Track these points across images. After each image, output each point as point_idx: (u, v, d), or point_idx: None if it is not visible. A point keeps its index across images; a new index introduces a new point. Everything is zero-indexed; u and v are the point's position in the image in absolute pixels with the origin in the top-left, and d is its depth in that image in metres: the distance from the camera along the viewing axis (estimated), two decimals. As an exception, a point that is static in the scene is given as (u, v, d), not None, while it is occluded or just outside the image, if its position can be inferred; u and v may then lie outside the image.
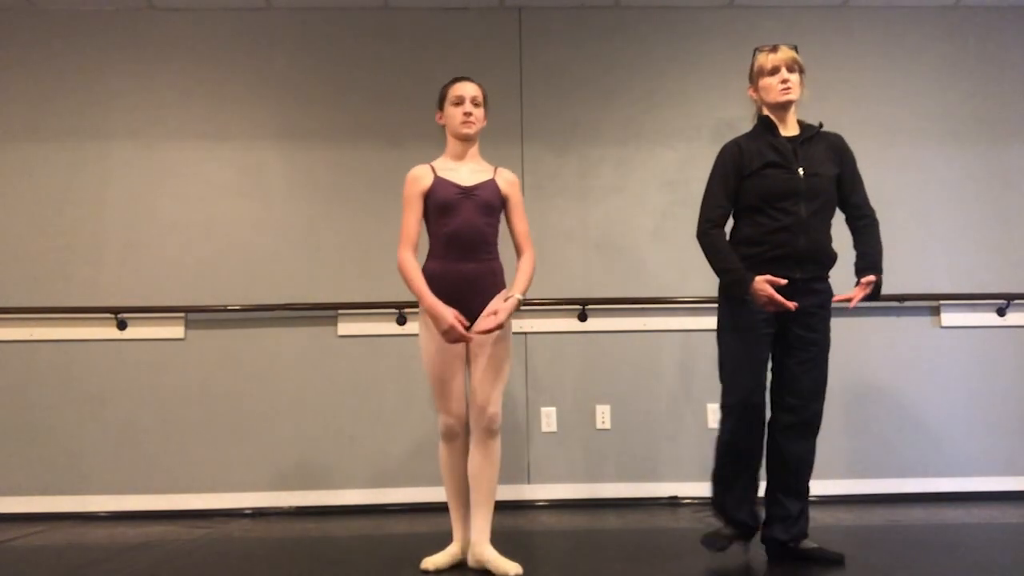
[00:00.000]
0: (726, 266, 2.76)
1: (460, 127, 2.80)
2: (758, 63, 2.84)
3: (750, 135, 2.88)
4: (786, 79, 2.79)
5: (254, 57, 4.57)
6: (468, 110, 2.79)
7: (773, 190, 2.75)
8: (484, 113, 2.86)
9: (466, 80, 2.86)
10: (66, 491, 4.21)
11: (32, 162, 4.46)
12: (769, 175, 2.76)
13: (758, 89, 2.86)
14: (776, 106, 2.82)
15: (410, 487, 4.25)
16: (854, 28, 4.67)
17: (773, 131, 2.83)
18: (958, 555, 2.82)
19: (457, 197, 2.75)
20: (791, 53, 2.81)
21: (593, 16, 4.64)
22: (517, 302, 2.73)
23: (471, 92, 2.82)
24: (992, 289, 4.44)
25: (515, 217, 2.88)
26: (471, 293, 2.72)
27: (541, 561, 2.89)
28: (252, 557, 3.10)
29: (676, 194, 4.48)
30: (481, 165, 2.88)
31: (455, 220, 2.74)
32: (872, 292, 2.76)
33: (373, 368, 4.35)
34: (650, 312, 4.42)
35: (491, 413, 2.70)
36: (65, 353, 4.31)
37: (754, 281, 2.67)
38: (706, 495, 4.20)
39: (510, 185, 2.87)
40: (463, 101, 2.80)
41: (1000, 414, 4.38)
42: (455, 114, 2.81)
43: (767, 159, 2.78)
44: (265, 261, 4.42)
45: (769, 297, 2.66)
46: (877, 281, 2.77)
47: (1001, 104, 4.63)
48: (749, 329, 2.76)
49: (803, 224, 2.73)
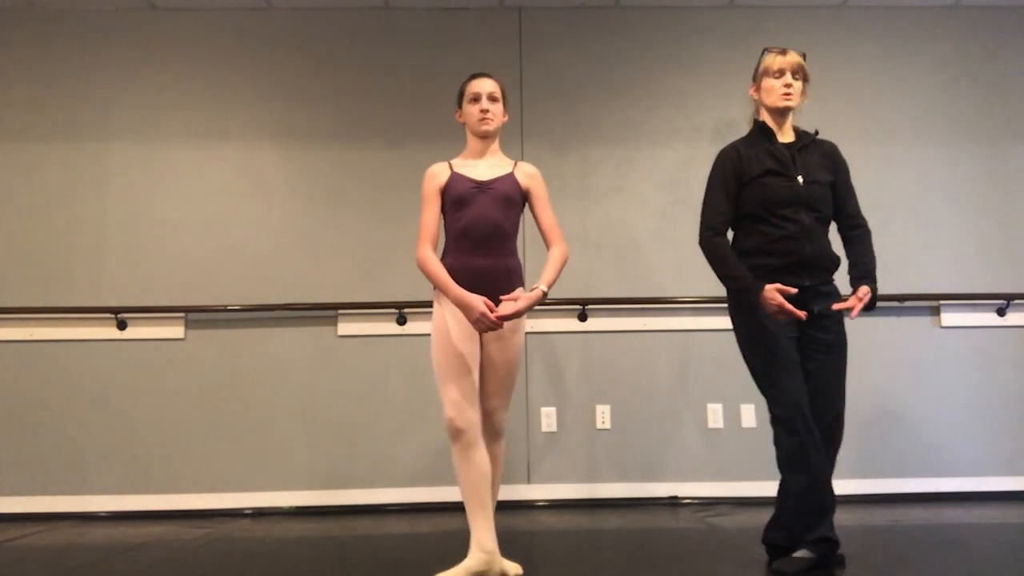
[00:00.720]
0: (733, 273, 2.70)
1: (478, 125, 2.74)
2: (764, 63, 2.80)
3: (747, 141, 2.84)
4: (789, 84, 2.75)
5: (254, 57, 4.57)
6: (485, 107, 2.72)
7: (774, 198, 2.71)
8: (503, 109, 2.79)
9: (483, 76, 2.79)
10: (66, 491, 4.21)
11: (32, 162, 4.46)
12: (769, 183, 2.73)
13: (760, 89, 2.82)
14: (774, 110, 2.80)
15: (410, 487, 4.25)
16: (854, 28, 4.67)
17: (770, 138, 2.80)
18: (958, 555, 2.82)
19: (472, 191, 2.68)
20: (798, 59, 2.77)
21: (593, 16, 4.64)
22: (542, 293, 2.62)
23: (488, 88, 2.75)
24: (992, 289, 4.44)
25: (539, 209, 2.78)
26: (484, 289, 2.59)
27: (541, 561, 2.88)
28: (252, 557, 3.09)
29: (676, 194, 4.48)
30: (501, 160, 2.80)
31: (469, 213, 2.66)
32: (868, 303, 2.74)
33: (373, 368, 4.35)
34: (650, 312, 4.42)
35: (499, 416, 2.67)
36: (65, 353, 4.31)
37: (764, 290, 2.62)
38: (706, 495, 4.24)
39: (530, 178, 2.78)
40: (480, 98, 2.73)
41: (1000, 414, 4.38)
42: (473, 111, 2.74)
43: (766, 166, 2.74)
44: (265, 261, 4.42)
45: (780, 306, 2.59)
46: (872, 291, 2.75)
47: (1001, 104, 4.63)
48: (774, 338, 2.67)
49: (807, 231, 2.70)
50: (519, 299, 2.58)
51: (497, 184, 2.71)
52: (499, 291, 2.61)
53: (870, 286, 2.72)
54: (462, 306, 2.56)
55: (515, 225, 2.75)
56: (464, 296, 2.55)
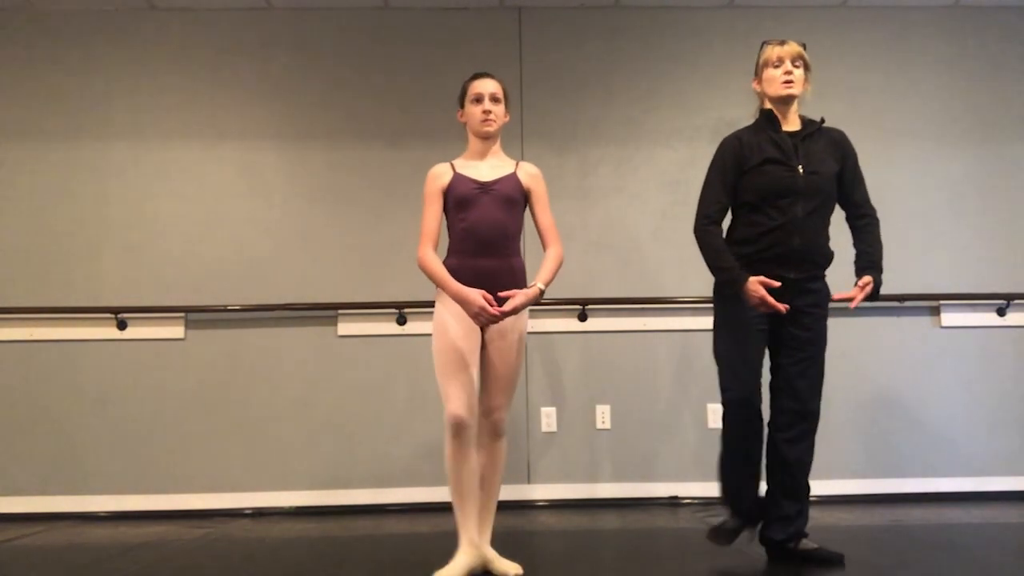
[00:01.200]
0: (721, 264, 2.75)
1: (480, 126, 2.74)
2: (764, 54, 2.82)
3: (751, 129, 2.85)
4: (789, 71, 2.76)
5: (254, 57, 4.57)
6: (487, 108, 2.72)
7: (772, 187, 2.73)
8: (505, 109, 2.80)
9: (485, 76, 2.78)
10: (66, 491, 4.21)
11: (32, 162, 4.46)
12: (768, 171, 2.74)
13: (762, 81, 2.83)
14: (778, 100, 2.80)
15: (410, 487, 4.25)
16: (854, 28, 4.67)
17: (775, 125, 2.80)
18: (958, 555, 2.82)
19: (475, 192, 2.69)
20: (798, 48, 2.79)
21: (593, 16, 4.64)
22: (539, 291, 2.65)
23: (490, 89, 2.74)
24: (992, 289, 4.44)
25: (538, 209, 2.79)
26: (489, 290, 2.59)
27: (541, 561, 2.88)
28: (252, 557, 3.10)
29: (676, 194, 4.48)
30: (503, 161, 2.81)
31: (472, 214, 2.67)
32: (872, 292, 2.75)
33: (373, 368, 4.34)
34: (650, 312, 4.42)
35: (499, 415, 2.67)
36: (65, 353, 4.31)
37: (748, 281, 2.67)
38: (706, 495, 4.25)
39: (532, 178, 2.79)
40: (483, 99, 2.73)
41: (1000, 414, 4.38)
42: (475, 112, 2.74)
43: (767, 155, 2.76)
44: (265, 261, 4.42)
45: (761, 299, 2.66)
46: (876, 281, 2.76)
47: (1001, 104, 4.63)
48: (743, 326, 2.76)
49: (798, 223, 2.72)
50: (517, 295, 2.60)
51: (500, 185, 2.72)
52: (503, 290, 2.62)
53: (874, 276, 2.75)
54: (461, 300, 2.58)
55: (518, 225, 2.77)
56: (462, 290, 2.58)
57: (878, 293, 2.76)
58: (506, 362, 2.66)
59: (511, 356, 2.67)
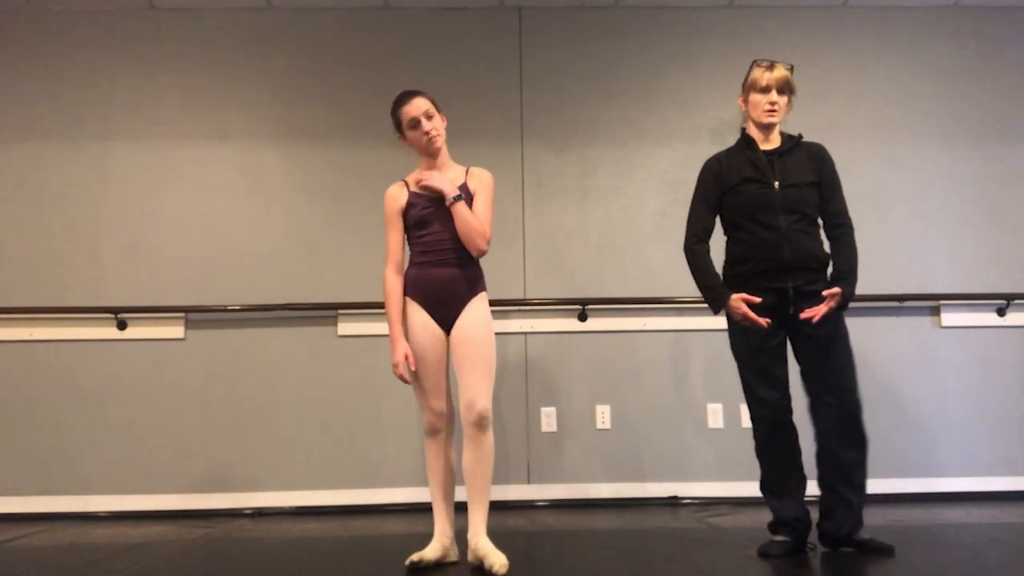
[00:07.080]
0: (706, 282, 2.90)
1: (427, 146, 2.81)
2: (752, 76, 2.91)
3: (731, 150, 2.98)
4: (774, 101, 2.86)
5: (254, 57, 4.57)
6: (427, 129, 2.78)
7: (751, 204, 2.85)
8: (442, 118, 2.85)
9: (411, 98, 2.80)
10: (66, 491, 4.21)
11: (32, 162, 4.46)
12: (745, 190, 2.86)
13: (747, 101, 2.94)
14: (760, 124, 2.91)
15: (410, 487, 4.25)
16: (854, 28, 4.67)
17: (751, 146, 2.92)
18: (958, 555, 2.82)
19: (429, 212, 2.78)
20: (785, 74, 2.88)
21: (593, 16, 4.64)
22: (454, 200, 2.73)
23: (422, 108, 2.78)
24: (992, 289, 4.44)
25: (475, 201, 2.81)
26: (447, 298, 2.76)
27: (541, 561, 2.88)
28: (252, 557, 3.09)
29: (676, 194, 4.48)
30: (454, 171, 2.88)
31: (429, 230, 2.78)
32: (840, 304, 2.78)
33: (373, 368, 4.34)
34: (650, 312, 4.42)
35: (480, 408, 2.70)
36: (65, 353, 4.31)
37: (730, 298, 2.81)
38: (706, 495, 4.25)
39: (478, 180, 2.85)
40: (419, 123, 2.78)
41: (1000, 414, 4.38)
42: (417, 137, 2.80)
43: (744, 174, 2.88)
44: (265, 261, 4.42)
45: (743, 315, 2.78)
46: (845, 292, 2.79)
47: (1001, 104, 4.63)
48: (757, 348, 2.85)
49: (785, 236, 2.80)
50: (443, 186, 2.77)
51: None
52: (461, 298, 2.77)
53: (843, 287, 2.80)
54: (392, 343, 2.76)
55: None
56: (396, 340, 2.75)
57: (847, 303, 2.81)
58: (472, 357, 2.72)
59: (477, 348, 2.72)
